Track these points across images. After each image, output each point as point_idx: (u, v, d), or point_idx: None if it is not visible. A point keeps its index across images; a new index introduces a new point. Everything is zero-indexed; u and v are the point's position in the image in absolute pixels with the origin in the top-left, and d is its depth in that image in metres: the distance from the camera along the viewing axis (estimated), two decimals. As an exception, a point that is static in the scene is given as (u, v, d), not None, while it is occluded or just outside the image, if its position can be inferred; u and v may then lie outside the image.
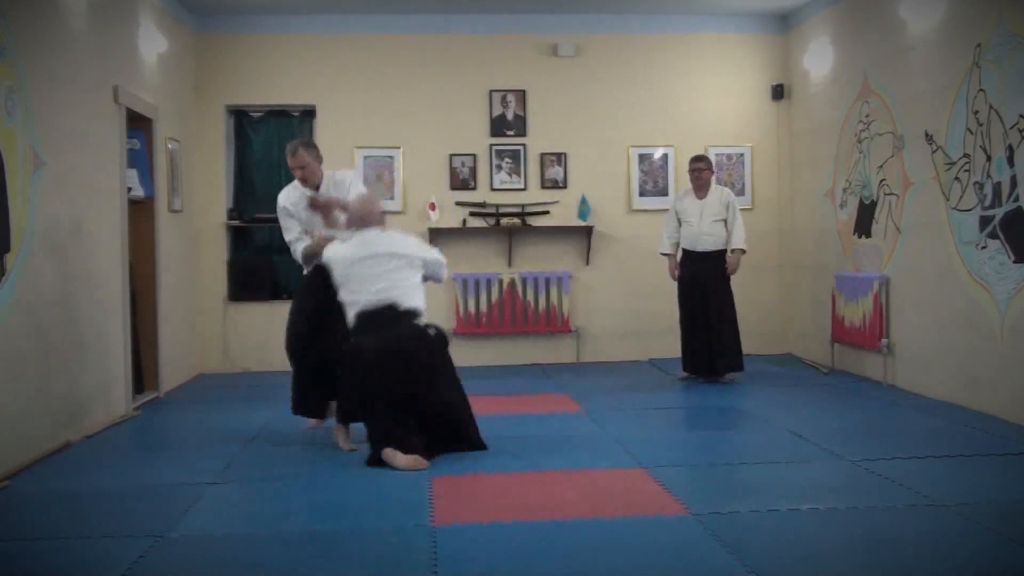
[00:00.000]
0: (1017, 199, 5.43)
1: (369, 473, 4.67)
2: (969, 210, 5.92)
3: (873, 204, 7.26)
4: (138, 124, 6.85)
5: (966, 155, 5.94)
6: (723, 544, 3.47)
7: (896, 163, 6.89)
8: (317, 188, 5.40)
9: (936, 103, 6.28)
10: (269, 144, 8.70)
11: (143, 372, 7.01)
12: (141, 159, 6.95)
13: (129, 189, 6.62)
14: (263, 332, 8.32)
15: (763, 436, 5.42)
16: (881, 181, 7.13)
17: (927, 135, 6.40)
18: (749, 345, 7.62)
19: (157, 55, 7.34)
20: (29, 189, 4.91)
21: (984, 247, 5.76)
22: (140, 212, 6.93)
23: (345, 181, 5.41)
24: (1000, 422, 5.50)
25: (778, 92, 8.90)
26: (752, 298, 8.59)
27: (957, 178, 6.05)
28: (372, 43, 8.62)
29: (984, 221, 5.76)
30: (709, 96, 8.89)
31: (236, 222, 8.56)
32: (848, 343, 7.60)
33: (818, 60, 8.25)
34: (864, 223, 7.41)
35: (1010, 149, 5.47)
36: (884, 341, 6.96)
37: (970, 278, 5.92)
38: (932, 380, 6.40)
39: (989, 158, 5.70)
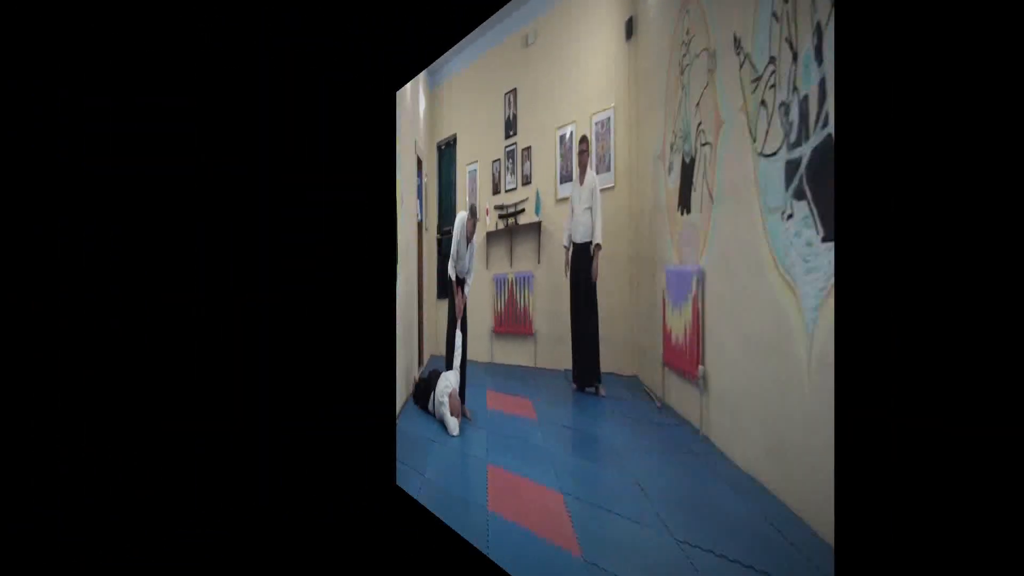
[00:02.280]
0: (827, 123, 3.03)
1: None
2: (774, 154, 3.52)
3: (692, 163, 4.86)
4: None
5: (772, 59, 3.55)
6: None
7: (710, 95, 4.48)
8: None
9: (746, -13, 3.89)
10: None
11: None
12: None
13: None
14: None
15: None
16: (699, 126, 4.72)
17: (735, 40, 4.01)
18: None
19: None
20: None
21: (791, 215, 3.35)
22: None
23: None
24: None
25: (630, 28, 6.51)
26: (599, 302, 6.31)
27: (763, 102, 3.65)
28: None
29: (790, 169, 3.36)
30: (566, 47, 6.53)
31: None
32: (676, 368, 5.19)
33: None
34: (685, 192, 5.01)
35: (819, 34, 3.07)
36: (701, 369, 4.54)
37: (777, 274, 3.50)
38: (741, 439, 3.96)
39: (796, 56, 3.30)
